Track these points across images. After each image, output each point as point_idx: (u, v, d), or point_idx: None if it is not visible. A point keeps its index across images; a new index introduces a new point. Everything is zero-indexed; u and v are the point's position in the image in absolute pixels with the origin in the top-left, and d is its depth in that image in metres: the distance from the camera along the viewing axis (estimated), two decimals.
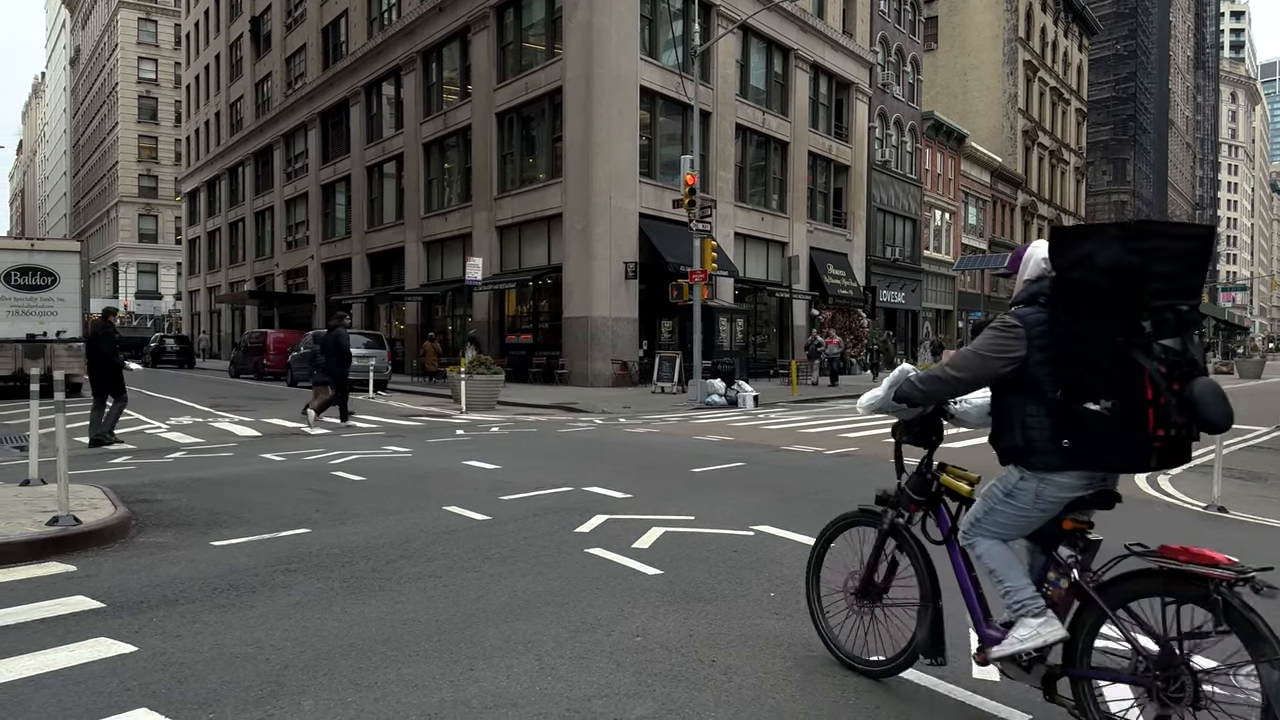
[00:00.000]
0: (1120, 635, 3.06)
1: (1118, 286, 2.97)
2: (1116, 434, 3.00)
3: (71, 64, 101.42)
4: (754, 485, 8.82)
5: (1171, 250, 3.03)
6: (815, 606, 4.13)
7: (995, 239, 53.60)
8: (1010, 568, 3.37)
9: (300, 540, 6.18)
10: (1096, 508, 3.31)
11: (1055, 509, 3.25)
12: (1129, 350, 2.96)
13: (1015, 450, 3.27)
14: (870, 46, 38.60)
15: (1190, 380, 2.94)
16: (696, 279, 21.08)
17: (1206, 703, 2.87)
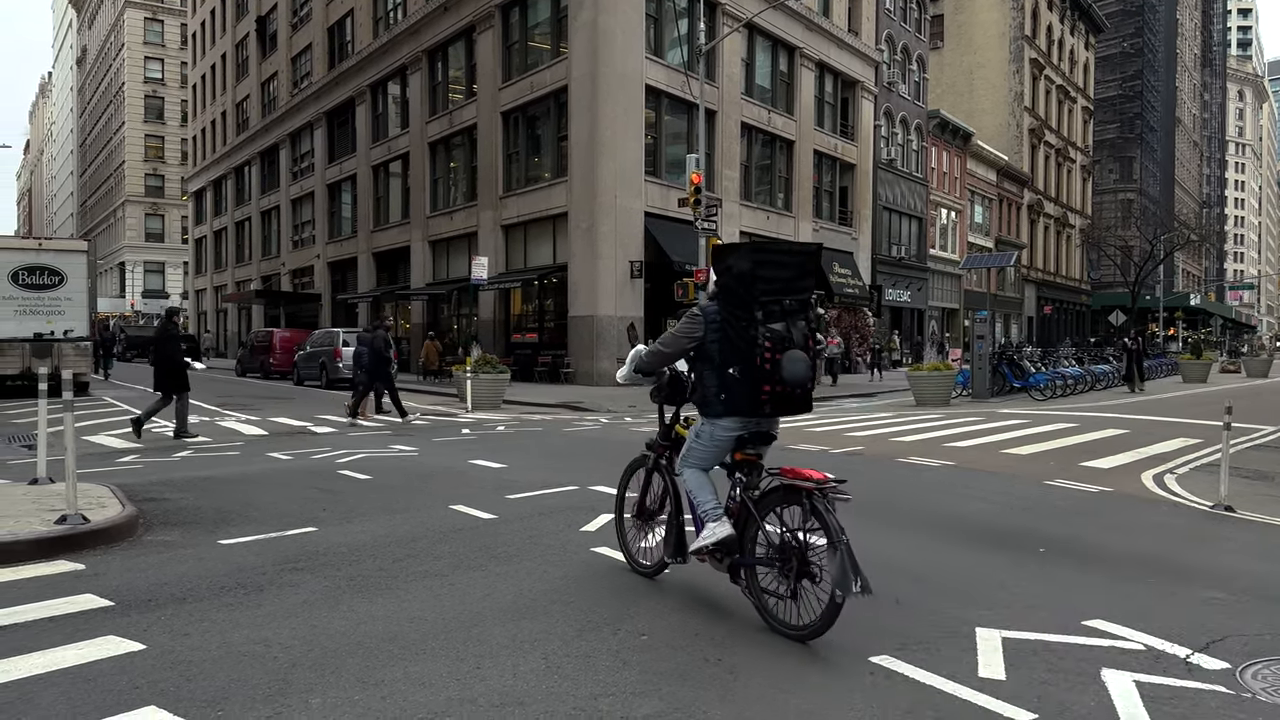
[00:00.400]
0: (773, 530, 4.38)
1: (741, 287, 4.36)
2: (744, 390, 4.36)
3: (78, 64, 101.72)
4: None
5: (780, 262, 4.47)
6: (619, 528, 5.58)
7: (1002, 237, 53.49)
8: (701, 488, 4.70)
9: (307, 539, 6.20)
10: (758, 444, 4.65)
11: (726, 445, 4.63)
12: (749, 330, 4.31)
13: (700, 403, 4.65)
14: (876, 45, 38.55)
15: (785, 352, 4.30)
16: (702, 278, 21.07)
17: (815, 573, 4.18)
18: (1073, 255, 66.15)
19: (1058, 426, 14.58)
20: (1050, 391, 21.63)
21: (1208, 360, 32.62)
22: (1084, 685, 3.76)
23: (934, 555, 5.96)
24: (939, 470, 9.94)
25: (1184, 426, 14.76)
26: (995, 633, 4.35)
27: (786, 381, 4.32)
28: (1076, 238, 66.09)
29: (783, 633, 4.26)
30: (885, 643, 4.20)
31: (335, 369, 25.07)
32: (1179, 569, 5.79)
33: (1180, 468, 10.42)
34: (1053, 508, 7.87)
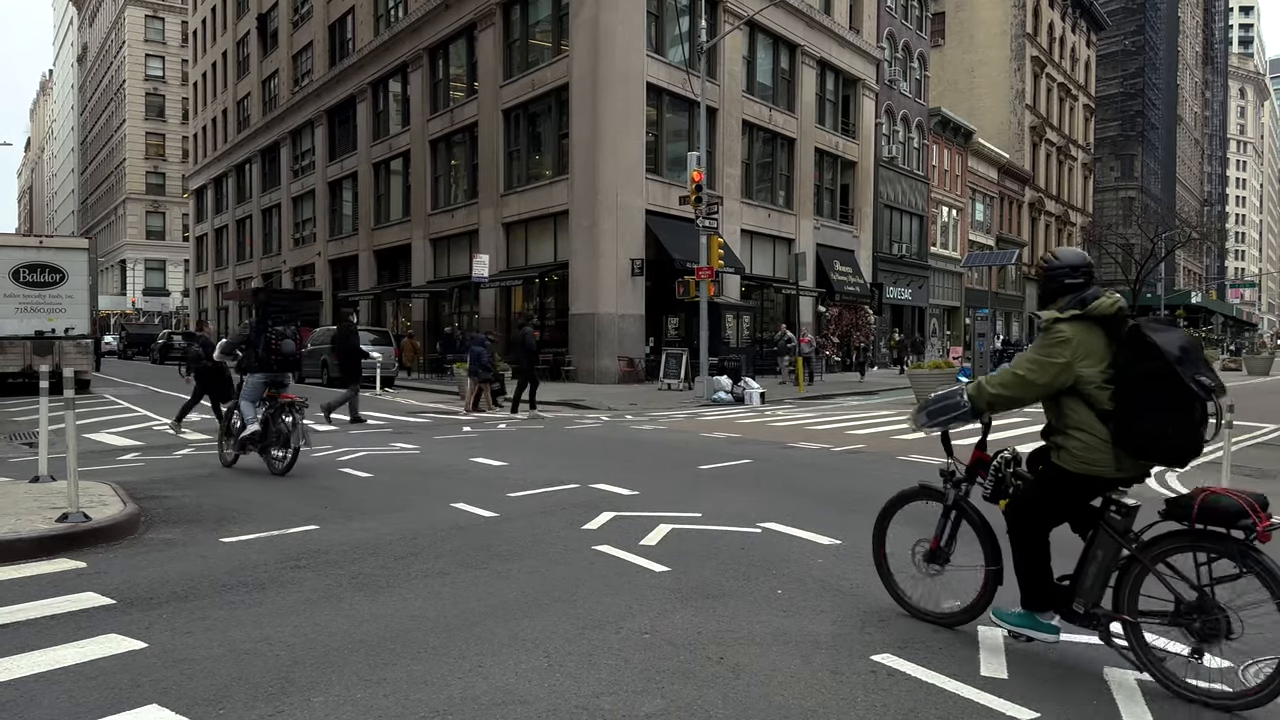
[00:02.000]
0: None
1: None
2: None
3: (79, 61, 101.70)
4: (762, 482, 8.81)
5: (281, 297, 8.51)
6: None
7: (1003, 235, 53.46)
8: (247, 408, 9.39)
9: (309, 537, 6.20)
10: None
11: (260, 388, 9.41)
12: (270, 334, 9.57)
13: None
14: (877, 43, 38.51)
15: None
16: (703, 276, 21.05)
17: None
18: None
19: None
20: None
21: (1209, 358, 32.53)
22: (1086, 683, 3.76)
23: None
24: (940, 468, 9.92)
25: None
26: (998, 631, 4.34)
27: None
28: (1078, 236, 66.01)
29: None
30: (887, 641, 4.20)
31: (335, 367, 25.00)
32: None
33: None
34: None
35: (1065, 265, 4.10)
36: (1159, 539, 3.77)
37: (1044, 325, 4.02)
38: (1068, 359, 3.88)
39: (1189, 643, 3.66)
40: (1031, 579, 4.11)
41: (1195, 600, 3.60)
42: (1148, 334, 3.74)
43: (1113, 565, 3.90)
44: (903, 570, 4.73)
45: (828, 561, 5.63)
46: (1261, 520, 3.44)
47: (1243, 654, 3.65)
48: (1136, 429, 3.73)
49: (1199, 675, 3.67)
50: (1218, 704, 3.55)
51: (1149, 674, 3.77)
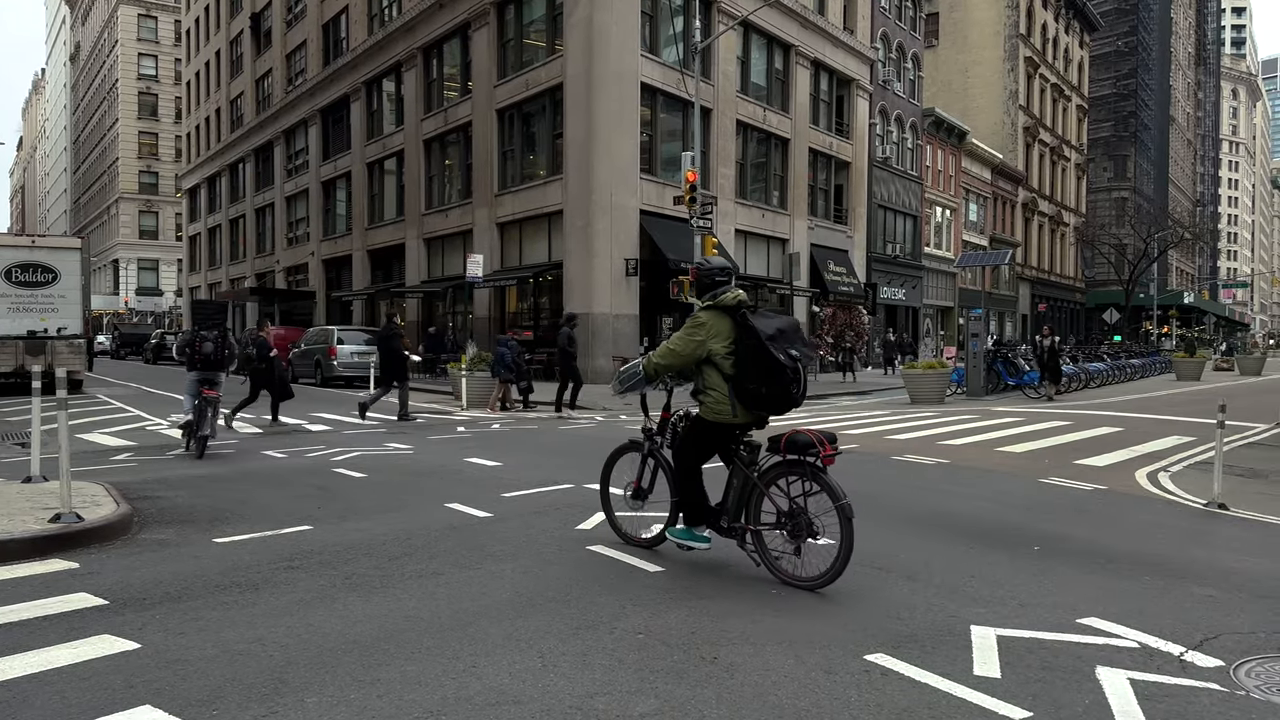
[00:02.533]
0: None
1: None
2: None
3: (71, 60, 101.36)
4: None
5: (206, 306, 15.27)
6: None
7: (996, 235, 53.57)
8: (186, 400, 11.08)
9: (302, 538, 6.19)
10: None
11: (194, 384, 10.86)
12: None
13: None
14: (871, 43, 38.54)
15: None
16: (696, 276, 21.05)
17: None
18: (1067, 253, 66.28)
19: (1052, 424, 14.62)
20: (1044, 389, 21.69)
21: (1201, 358, 32.73)
22: (1079, 683, 3.77)
23: (928, 553, 5.97)
24: (934, 468, 9.96)
25: (1178, 424, 14.81)
26: (990, 630, 4.36)
27: None
28: (1071, 236, 66.23)
29: None
30: (880, 641, 4.21)
31: (330, 367, 25.03)
32: (1173, 567, 5.81)
33: (1174, 465, 10.46)
34: (1048, 506, 7.89)
35: (714, 269, 5.56)
36: (769, 468, 5.19)
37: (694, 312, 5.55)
38: (703, 338, 5.27)
39: (791, 544, 5.09)
40: (691, 502, 5.49)
41: (790, 510, 5.07)
42: (750, 320, 5.19)
43: (744, 489, 5.30)
44: (620, 507, 6.13)
45: None
46: (825, 449, 4.94)
47: (823, 551, 5.04)
48: (746, 388, 5.17)
49: (797, 568, 5.09)
50: (805, 586, 5.00)
51: (766, 568, 5.21)
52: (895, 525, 6.86)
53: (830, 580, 4.94)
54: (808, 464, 5.01)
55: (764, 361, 5.06)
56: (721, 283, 5.45)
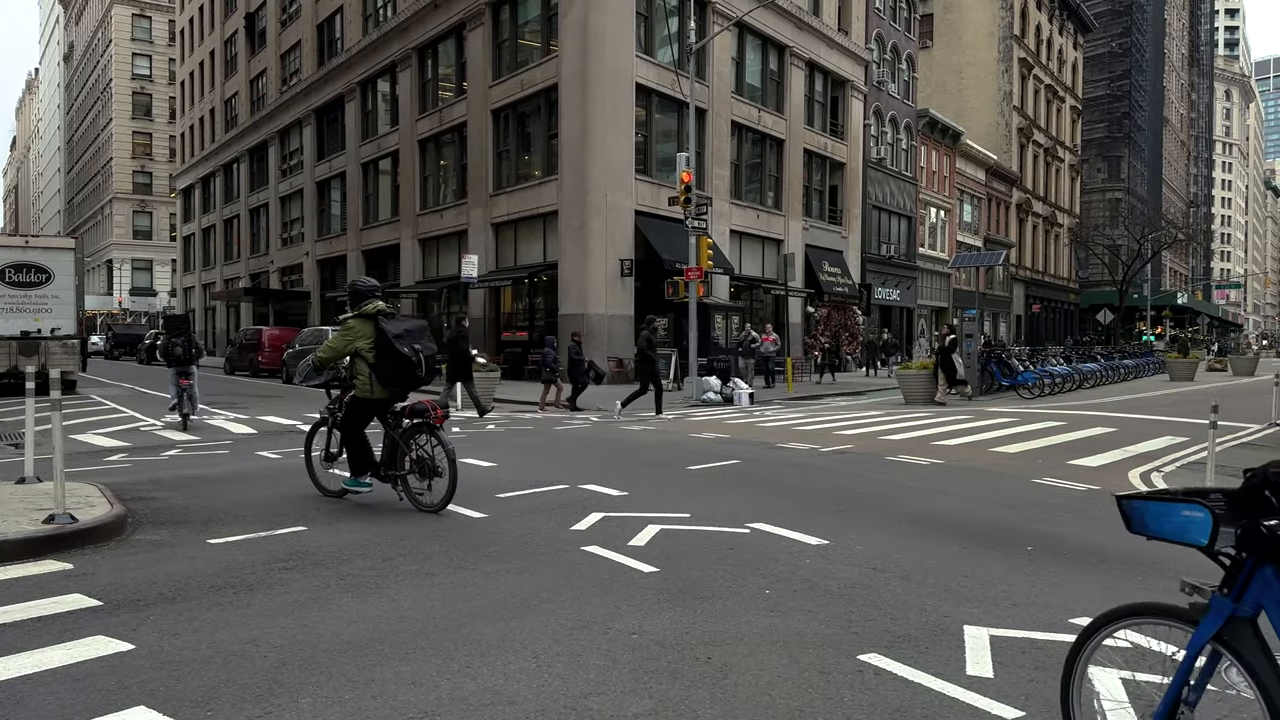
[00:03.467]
0: None
1: None
2: None
3: (65, 60, 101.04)
4: (750, 483, 8.84)
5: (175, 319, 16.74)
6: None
7: (990, 236, 53.69)
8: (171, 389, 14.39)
9: (297, 539, 6.18)
10: None
11: (174, 376, 14.02)
12: None
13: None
14: (866, 44, 38.63)
15: None
16: (692, 276, 21.09)
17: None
18: (1061, 254, 66.46)
19: (1046, 425, 14.66)
20: (1038, 390, 21.74)
21: (1194, 359, 32.82)
22: None
23: (922, 553, 5.99)
24: (927, 468, 9.99)
25: (1171, 425, 14.85)
26: (983, 630, 4.38)
27: None
28: (1065, 237, 66.39)
29: None
30: (874, 640, 4.22)
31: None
32: (1164, 566, 5.82)
33: (1167, 466, 10.50)
34: (1040, 506, 7.92)
35: (366, 287, 7.56)
36: (405, 430, 7.26)
37: (341, 319, 7.70)
38: (352, 338, 7.27)
39: (424, 482, 7.15)
40: (356, 458, 7.47)
41: (419, 458, 7.17)
42: (381, 323, 7.24)
43: (392, 447, 7.32)
44: (317, 469, 7.95)
45: (815, 562, 5.65)
46: (436, 413, 7.18)
47: (439, 479, 7.12)
48: (381, 372, 7.22)
49: (428, 499, 7.16)
50: (432, 510, 7.05)
51: (408, 501, 7.27)
52: (890, 525, 6.88)
53: (446, 504, 7.07)
54: (428, 424, 7.17)
55: (393, 354, 7.11)
56: (368, 296, 7.44)
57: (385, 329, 7.14)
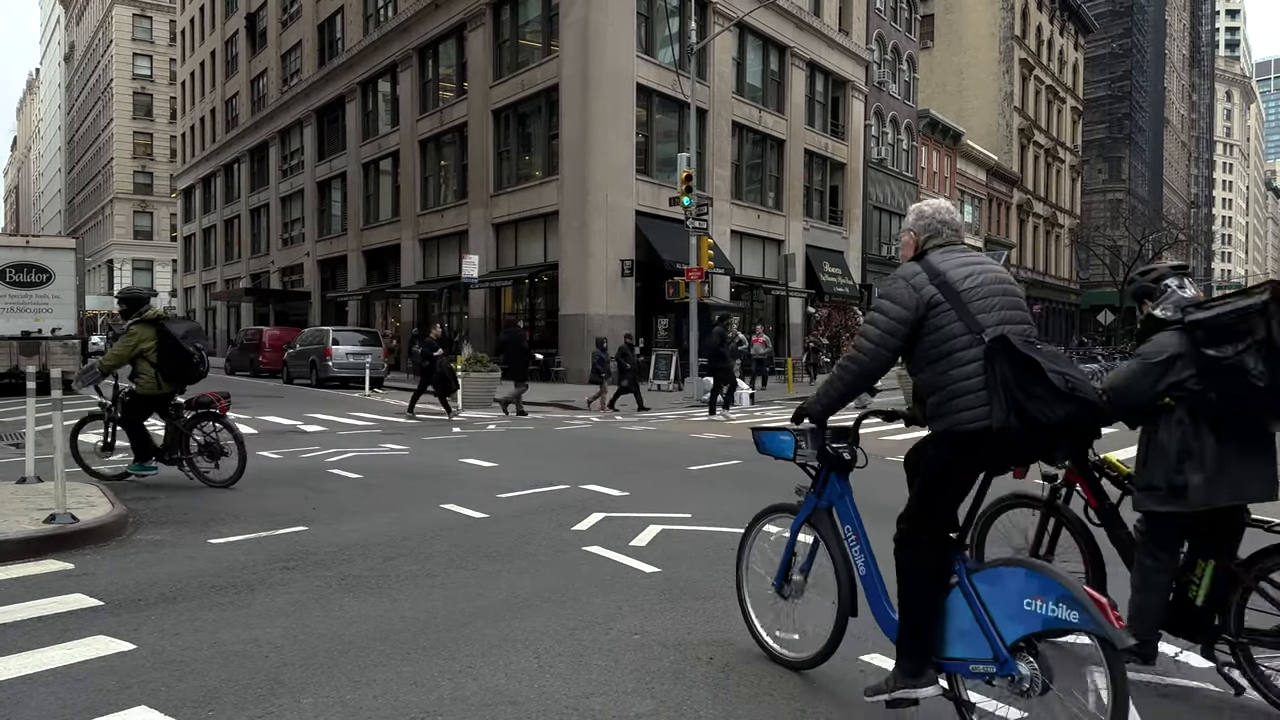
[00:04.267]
0: None
1: None
2: None
3: (66, 60, 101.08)
4: (751, 483, 8.83)
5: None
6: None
7: (991, 237, 53.69)
8: None
9: (298, 538, 6.18)
10: None
11: None
12: None
13: None
14: (866, 44, 38.63)
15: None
16: (693, 277, 21.09)
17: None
18: (1061, 255, 66.45)
19: None
20: None
21: None
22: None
23: None
24: None
25: None
26: None
27: None
28: (1065, 237, 66.37)
29: None
30: (876, 642, 4.20)
31: (325, 367, 24.98)
32: None
33: None
34: None
35: (144, 294, 8.63)
36: (190, 419, 8.34)
37: (125, 327, 8.42)
38: (135, 342, 8.03)
39: (211, 462, 8.32)
40: (140, 446, 8.35)
41: (206, 442, 8.37)
42: (167, 327, 8.18)
43: (175, 434, 8.31)
44: (90, 458, 8.68)
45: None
46: (220, 404, 8.33)
47: (227, 458, 8.35)
48: (167, 369, 8.20)
49: (217, 476, 8.21)
50: (223, 485, 8.16)
51: (198, 479, 8.29)
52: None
53: (238, 478, 8.12)
54: (213, 413, 8.28)
55: (179, 352, 8.06)
56: (145, 303, 8.43)
57: (170, 330, 8.12)
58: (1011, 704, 3.29)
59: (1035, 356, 2.93)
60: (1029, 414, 2.89)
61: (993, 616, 3.01)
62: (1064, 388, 2.90)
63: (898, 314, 3.13)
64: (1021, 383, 2.90)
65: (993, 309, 3.09)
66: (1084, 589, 2.80)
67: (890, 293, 3.19)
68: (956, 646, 3.16)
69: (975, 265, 3.19)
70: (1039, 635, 2.94)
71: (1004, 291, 3.15)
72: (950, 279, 3.11)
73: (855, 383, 3.33)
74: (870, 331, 3.20)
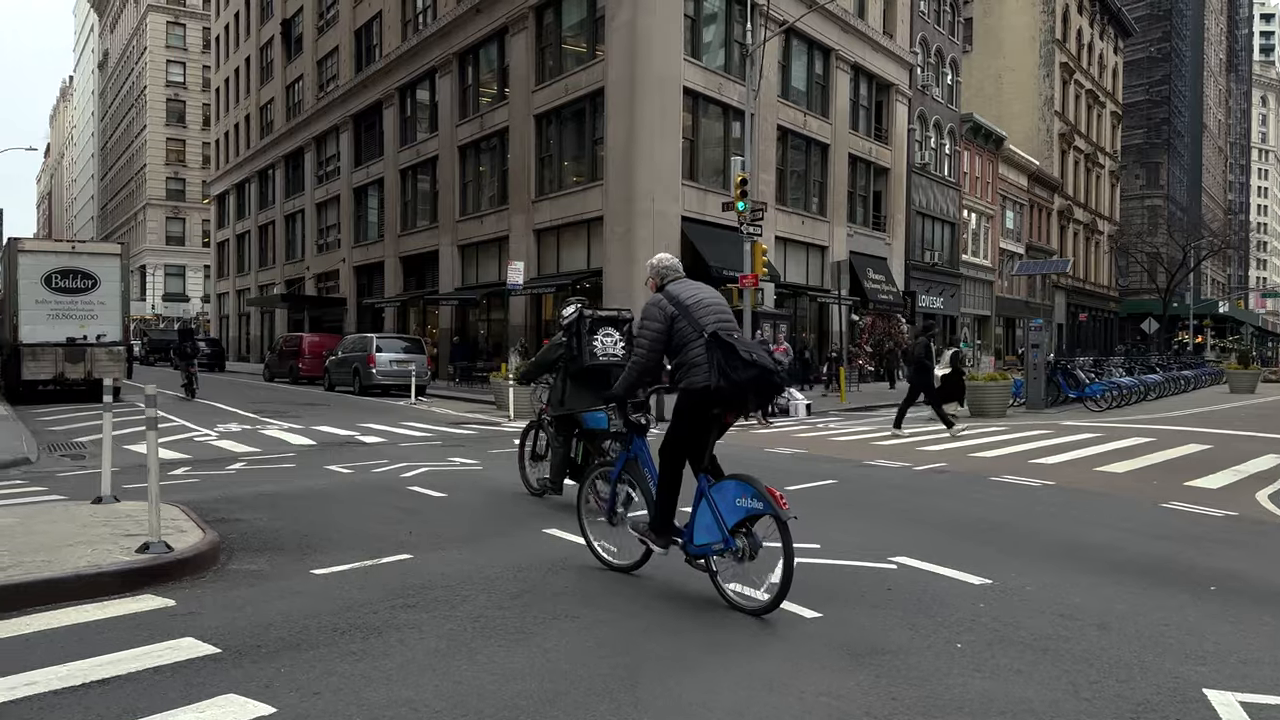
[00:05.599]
0: None
1: None
2: None
3: (100, 68, 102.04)
4: (860, 506, 8.27)
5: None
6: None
7: (1033, 244, 52.80)
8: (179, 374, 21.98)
9: (406, 569, 5.68)
10: None
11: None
12: None
13: None
14: (910, 47, 37.97)
15: None
16: (747, 284, 20.56)
17: None
18: (1101, 262, 65.31)
19: (1135, 441, 13.95)
20: (1105, 402, 20.98)
21: (1255, 370, 31.82)
22: None
23: (1100, 595, 5.39)
24: (1041, 490, 9.36)
25: (1268, 442, 14.09)
26: (1229, 695, 3.80)
27: None
28: (1105, 244, 65.23)
29: None
30: (1115, 710, 3.65)
31: (369, 375, 24.62)
32: None
33: None
34: (1186, 534, 7.28)
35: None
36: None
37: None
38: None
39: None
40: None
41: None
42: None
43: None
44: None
45: (992, 606, 5.06)
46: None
47: None
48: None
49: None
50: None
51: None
52: (1045, 559, 6.28)
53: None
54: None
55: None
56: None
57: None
58: (735, 569, 4.87)
59: (733, 343, 4.64)
60: (730, 377, 4.59)
61: (720, 513, 4.70)
62: (750, 360, 4.60)
63: (656, 326, 4.89)
64: (726, 359, 4.58)
65: (708, 315, 4.81)
66: (767, 487, 4.56)
67: (650, 314, 4.92)
68: (703, 536, 4.83)
69: (696, 290, 5.03)
70: (745, 520, 4.66)
71: (715, 304, 4.94)
72: (682, 300, 4.89)
73: (641, 373, 5.06)
74: (644, 340, 4.94)
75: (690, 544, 4.93)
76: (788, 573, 4.57)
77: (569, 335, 7.73)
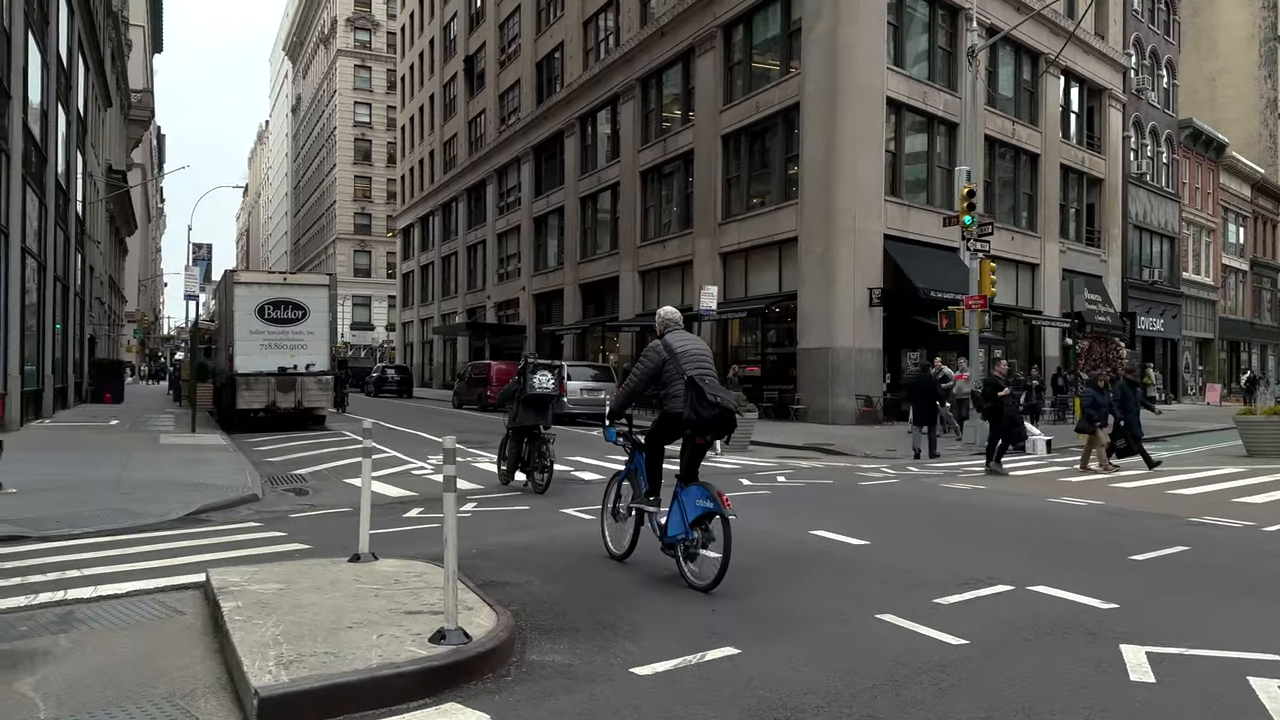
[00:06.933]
0: None
1: None
2: None
3: (293, 111, 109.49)
4: (1251, 589, 6.54)
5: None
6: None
7: (1257, 260, 47.60)
8: None
9: (740, 670, 4.48)
10: None
11: None
12: None
13: None
14: (1123, 49, 34.82)
15: None
16: (974, 306, 18.68)
17: None
18: None
19: None
20: None
21: None
22: None
23: None
24: None
25: None
26: None
27: None
28: None
29: None
30: None
31: (560, 404, 24.04)
32: None
33: None
34: None
35: None
36: None
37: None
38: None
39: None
40: None
41: None
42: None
43: None
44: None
45: None
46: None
47: None
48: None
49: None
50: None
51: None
52: None
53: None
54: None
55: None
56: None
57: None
58: (693, 560, 6.22)
59: (704, 387, 6.16)
60: (699, 413, 6.15)
61: (685, 511, 6.16)
62: (714, 401, 6.16)
63: (649, 365, 6.43)
64: (697, 397, 6.12)
65: (691, 363, 6.30)
66: (718, 491, 5.99)
67: (648, 355, 6.47)
68: (677, 529, 6.24)
69: (684, 340, 6.53)
70: (702, 517, 6.08)
71: (698, 354, 6.41)
72: (673, 348, 6.40)
73: (629, 396, 6.73)
74: (638, 371, 6.52)
75: (665, 535, 6.38)
76: (725, 559, 5.88)
77: (520, 375, 11.50)
